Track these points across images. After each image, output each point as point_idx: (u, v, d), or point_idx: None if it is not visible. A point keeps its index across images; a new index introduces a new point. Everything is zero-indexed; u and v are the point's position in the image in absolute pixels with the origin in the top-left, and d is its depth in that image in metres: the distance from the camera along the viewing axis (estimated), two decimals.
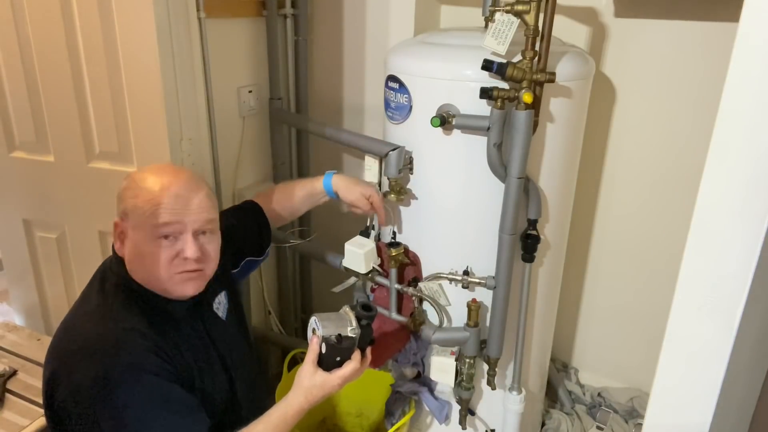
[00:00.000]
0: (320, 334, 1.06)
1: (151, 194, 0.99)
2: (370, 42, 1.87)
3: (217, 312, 1.20)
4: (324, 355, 1.06)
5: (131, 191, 1.01)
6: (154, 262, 1.00)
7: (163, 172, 1.04)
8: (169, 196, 0.99)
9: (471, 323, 1.39)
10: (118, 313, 1.00)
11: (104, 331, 0.97)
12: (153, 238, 0.99)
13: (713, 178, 0.83)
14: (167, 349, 1.00)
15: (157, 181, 1.01)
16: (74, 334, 1.00)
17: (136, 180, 1.02)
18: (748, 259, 0.83)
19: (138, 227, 1.00)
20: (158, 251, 0.99)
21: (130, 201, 1.00)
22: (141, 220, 0.99)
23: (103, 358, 0.93)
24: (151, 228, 0.99)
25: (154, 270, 1.01)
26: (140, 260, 1.02)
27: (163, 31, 1.39)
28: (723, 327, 0.87)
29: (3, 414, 1.37)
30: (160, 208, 0.98)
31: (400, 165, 1.39)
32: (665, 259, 1.74)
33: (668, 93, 1.62)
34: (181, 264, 1.01)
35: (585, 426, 1.87)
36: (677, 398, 0.96)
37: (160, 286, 1.03)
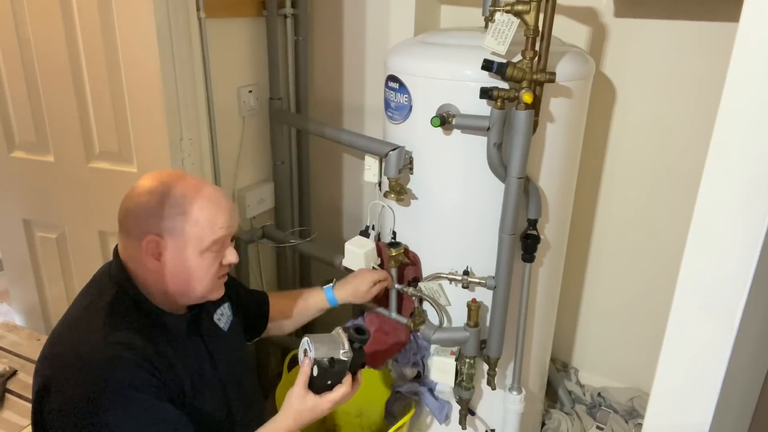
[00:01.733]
0: (312, 357, 1.05)
1: (206, 211, 1.00)
2: (370, 42, 1.87)
3: (218, 322, 1.19)
4: (315, 378, 1.05)
5: (173, 209, 0.99)
6: (204, 275, 1.02)
7: (203, 186, 1.03)
8: (222, 211, 1.02)
9: (471, 323, 1.39)
10: (113, 326, 0.98)
11: (98, 344, 0.96)
12: (203, 252, 1.01)
13: (713, 178, 0.83)
14: (161, 366, 0.98)
15: (205, 197, 1.01)
16: (68, 345, 0.98)
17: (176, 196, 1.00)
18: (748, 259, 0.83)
19: (186, 243, 1.00)
20: (209, 264, 1.02)
21: (178, 218, 0.99)
22: (193, 235, 0.99)
23: (95, 373, 0.92)
24: (211, 243, 1.01)
25: (201, 282, 1.03)
26: (184, 275, 1.02)
27: (163, 31, 1.39)
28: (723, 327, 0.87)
29: (3, 414, 1.37)
30: (216, 224, 1.01)
31: (400, 165, 1.39)
32: (665, 259, 1.74)
33: (668, 93, 1.62)
34: (222, 269, 1.06)
35: (585, 426, 1.87)
36: (677, 398, 0.96)
37: (196, 295, 1.04)
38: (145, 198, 1.00)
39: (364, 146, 1.54)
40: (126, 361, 0.94)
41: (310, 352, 1.06)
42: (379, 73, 1.56)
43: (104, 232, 1.66)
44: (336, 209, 2.16)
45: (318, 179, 2.13)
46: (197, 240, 1.00)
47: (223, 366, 1.14)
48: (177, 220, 0.99)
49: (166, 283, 1.02)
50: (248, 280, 1.91)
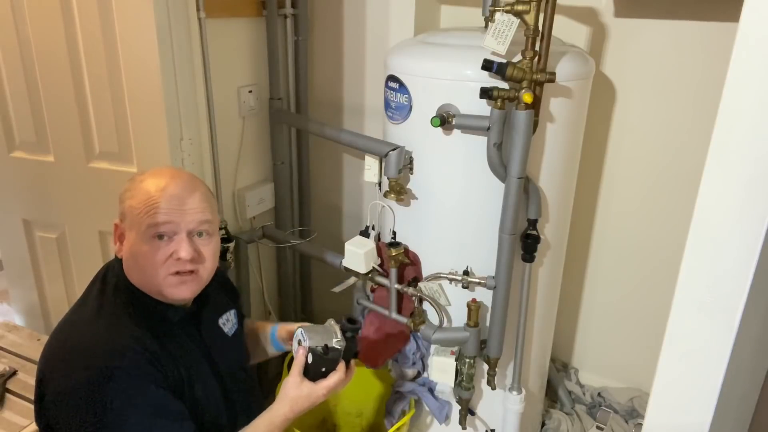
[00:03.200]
0: (306, 345, 1.07)
1: (146, 194, 1.00)
2: (370, 42, 1.87)
3: (223, 327, 1.19)
4: (310, 365, 1.07)
5: (129, 192, 1.02)
6: (148, 262, 1.00)
7: (161, 173, 1.04)
8: (164, 196, 1.00)
9: (471, 323, 1.39)
10: (114, 316, 1.00)
11: (99, 334, 0.97)
12: (147, 238, 0.99)
13: (713, 178, 0.83)
14: (160, 356, 0.99)
15: (153, 182, 1.01)
16: (69, 335, 1.00)
17: (135, 181, 1.03)
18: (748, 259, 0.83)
19: (133, 227, 1.00)
20: (152, 251, 0.99)
21: (128, 202, 1.02)
22: (136, 220, 0.99)
23: (96, 362, 0.93)
24: (146, 228, 0.99)
25: (148, 270, 1.00)
26: (135, 261, 1.01)
27: (163, 31, 1.39)
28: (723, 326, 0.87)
29: (3, 414, 1.37)
30: (154, 207, 0.98)
31: (400, 165, 1.39)
32: (665, 259, 1.74)
33: (668, 93, 1.62)
34: (174, 264, 1.01)
35: (585, 426, 1.87)
36: (677, 398, 0.96)
37: (154, 288, 1.02)
38: (123, 186, 1.05)
39: (364, 146, 1.54)
40: (128, 350, 0.95)
41: (305, 341, 1.08)
42: (379, 73, 1.56)
43: (104, 232, 1.66)
44: (336, 209, 2.16)
45: (318, 179, 2.13)
46: (137, 223, 0.99)
47: (222, 367, 1.13)
48: (127, 204, 1.01)
49: (130, 271, 1.03)
50: (248, 280, 1.91)
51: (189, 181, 1.05)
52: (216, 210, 1.10)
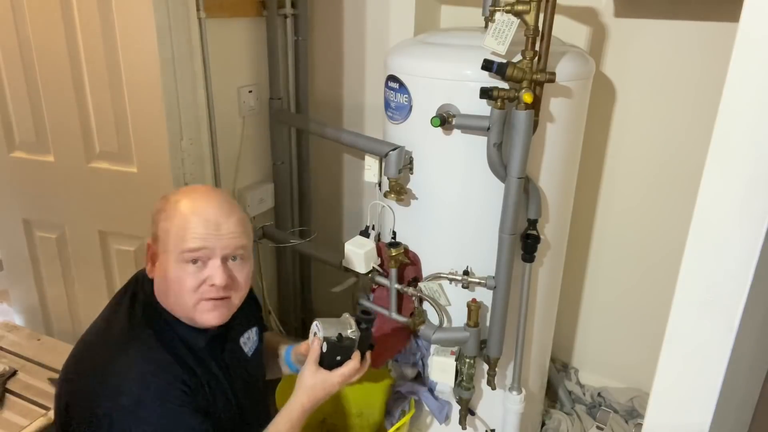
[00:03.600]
0: (321, 335, 1.08)
1: (182, 218, 0.97)
2: (370, 42, 1.87)
3: (244, 347, 1.17)
4: (325, 354, 1.08)
5: (164, 213, 0.99)
6: (181, 287, 0.97)
7: (197, 195, 1.01)
8: (200, 220, 0.97)
9: (471, 323, 1.39)
10: (144, 340, 0.98)
11: (131, 360, 0.96)
12: (181, 263, 0.97)
13: (713, 178, 0.83)
14: (188, 380, 0.98)
15: (189, 205, 0.98)
16: (99, 357, 0.98)
17: (170, 202, 1.00)
18: (748, 259, 0.83)
19: (167, 251, 0.98)
20: (185, 276, 0.97)
21: (162, 224, 0.99)
22: (171, 243, 0.97)
23: (131, 388, 0.92)
24: (180, 253, 0.96)
25: (181, 295, 0.98)
26: (167, 285, 0.99)
27: (163, 31, 1.39)
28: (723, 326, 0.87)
29: (3, 414, 1.37)
30: (189, 232, 0.96)
31: (400, 165, 1.39)
32: (665, 259, 1.74)
33: (668, 93, 1.62)
34: (207, 291, 0.98)
35: (585, 426, 1.87)
36: (677, 398, 0.96)
37: (185, 313, 1.01)
38: (156, 204, 1.02)
39: (364, 146, 1.54)
40: (160, 375, 0.95)
41: (319, 332, 1.09)
42: (379, 73, 1.56)
43: (104, 232, 1.66)
44: (336, 209, 2.16)
45: (318, 179, 2.13)
46: (172, 246, 0.97)
47: (237, 385, 1.11)
48: (161, 226, 0.99)
49: (167, 294, 1.01)
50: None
51: (226, 204, 1.02)
52: (251, 234, 1.07)
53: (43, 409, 1.37)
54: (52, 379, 1.45)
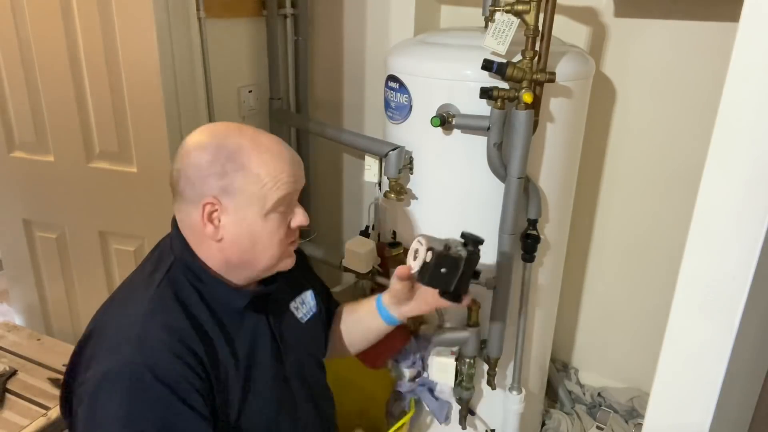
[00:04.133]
0: (426, 246, 1.00)
1: (264, 168, 0.86)
2: (370, 42, 1.87)
3: (295, 312, 1.06)
4: (429, 265, 0.99)
5: (232, 164, 0.86)
6: (269, 241, 0.89)
7: (259, 136, 0.89)
8: (285, 166, 0.88)
9: (471, 323, 1.39)
10: (159, 303, 0.87)
11: (136, 321, 0.85)
12: (267, 213, 0.87)
13: (713, 178, 0.83)
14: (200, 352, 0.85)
15: (267, 152, 0.87)
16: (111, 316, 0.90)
17: (232, 153, 0.86)
18: (748, 259, 0.83)
19: (253, 204, 0.87)
20: (273, 227, 0.88)
21: (238, 176, 0.86)
22: (255, 194, 0.86)
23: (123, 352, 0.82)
24: (273, 203, 0.87)
25: (267, 250, 0.89)
26: (247, 242, 0.88)
27: (163, 31, 1.39)
28: (723, 327, 0.87)
29: (3, 414, 1.37)
30: (278, 181, 0.87)
31: (400, 165, 1.39)
32: (665, 259, 1.74)
33: (668, 93, 1.62)
34: (293, 234, 0.92)
35: (585, 426, 1.87)
36: (677, 398, 0.96)
37: (260, 267, 0.91)
38: (196, 155, 0.87)
39: (364, 146, 1.54)
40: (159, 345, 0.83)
41: (424, 244, 1.01)
42: (379, 73, 1.56)
43: (104, 232, 1.66)
44: (336, 209, 2.16)
45: (318, 179, 2.13)
46: (260, 200, 0.87)
47: (289, 360, 1.01)
48: (235, 178, 0.86)
49: (228, 252, 0.90)
50: None
51: (281, 140, 0.93)
52: None
53: (43, 409, 1.37)
54: (52, 379, 1.45)
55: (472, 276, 1.04)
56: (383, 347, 1.52)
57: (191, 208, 0.88)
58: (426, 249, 1.00)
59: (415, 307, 1.13)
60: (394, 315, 1.14)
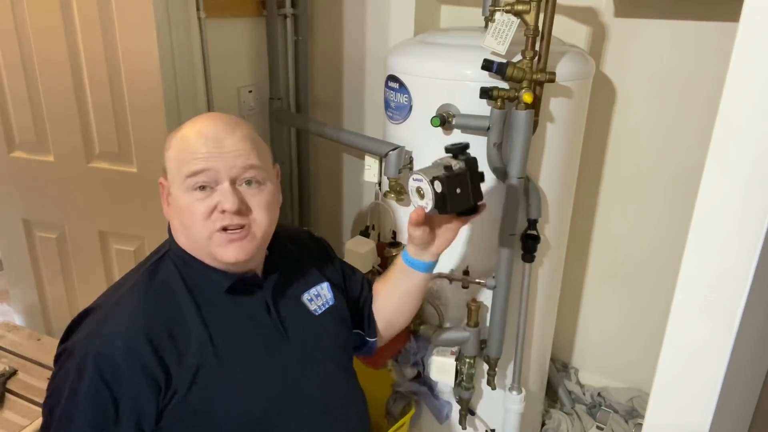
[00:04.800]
0: (428, 179, 0.96)
1: (182, 139, 0.88)
2: (370, 42, 1.87)
3: (308, 305, 1.01)
4: (442, 195, 0.96)
5: (168, 143, 0.91)
6: (192, 218, 0.87)
7: (199, 117, 0.93)
8: (199, 138, 0.87)
9: (471, 323, 1.39)
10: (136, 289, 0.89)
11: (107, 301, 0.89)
12: (187, 190, 0.87)
13: (713, 178, 0.83)
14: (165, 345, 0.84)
15: (189, 127, 0.90)
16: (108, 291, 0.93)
17: (174, 132, 0.92)
18: (748, 259, 0.82)
19: (174, 180, 0.88)
20: (193, 203, 0.86)
21: (167, 153, 0.90)
22: (175, 170, 0.88)
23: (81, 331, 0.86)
24: (184, 178, 0.86)
25: (193, 227, 0.87)
26: (180, 219, 0.89)
27: (163, 31, 1.39)
28: (723, 327, 0.87)
29: (3, 414, 1.37)
30: (189, 154, 0.86)
31: (400, 165, 1.39)
32: (665, 259, 1.74)
33: (668, 93, 1.62)
34: (219, 218, 0.86)
35: (585, 426, 1.87)
36: (677, 398, 0.96)
37: (203, 250, 0.90)
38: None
39: (364, 146, 1.54)
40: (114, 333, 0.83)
41: (424, 178, 0.97)
42: (379, 73, 1.56)
43: (104, 232, 1.66)
44: (336, 209, 2.16)
45: (318, 179, 2.13)
46: (177, 173, 0.87)
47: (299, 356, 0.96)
48: (168, 156, 0.90)
49: (180, 232, 0.91)
50: None
51: (229, 121, 0.91)
52: (268, 156, 0.96)
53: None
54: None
55: (479, 180, 1.02)
56: (383, 347, 1.52)
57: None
58: (430, 181, 0.96)
59: (442, 241, 1.09)
60: (427, 260, 1.10)
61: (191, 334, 0.87)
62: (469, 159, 1.01)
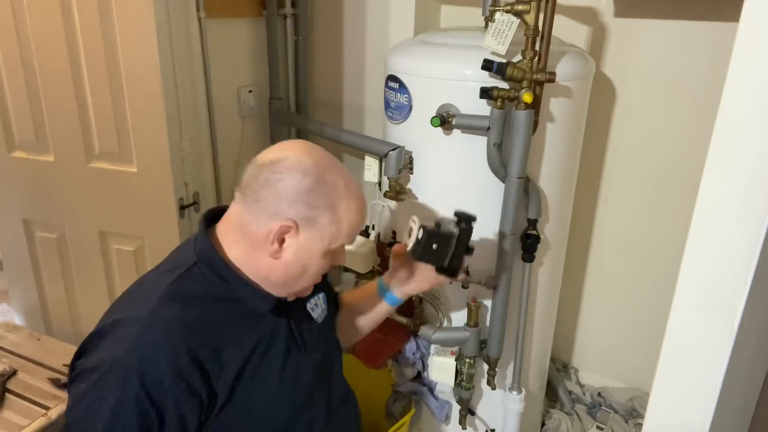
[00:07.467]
0: (419, 224, 1.05)
1: (356, 213, 0.90)
2: (370, 42, 1.87)
3: (312, 312, 1.05)
4: (422, 242, 1.02)
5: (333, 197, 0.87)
6: (314, 274, 0.91)
7: (358, 193, 0.92)
8: (364, 215, 0.93)
9: (471, 323, 1.39)
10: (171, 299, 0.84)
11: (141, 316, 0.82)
12: (327, 252, 0.90)
13: (713, 178, 0.83)
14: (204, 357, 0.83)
15: (358, 203, 0.91)
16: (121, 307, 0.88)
17: (334, 189, 0.87)
18: (748, 259, 0.83)
19: (324, 240, 0.88)
20: (325, 263, 0.91)
21: (327, 215, 0.87)
22: (336, 236, 0.89)
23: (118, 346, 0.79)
24: (339, 246, 0.91)
25: (309, 280, 0.92)
26: (298, 270, 0.90)
27: (163, 31, 1.39)
28: (723, 327, 0.87)
29: (3, 414, 1.37)
30: (354, 232, 0.91)
31: (400, 165, 1.39)
32: (665, 259, 1.74)
33: (668, 93, 1.62)
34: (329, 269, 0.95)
35: (585, 426, 1.87)
36: (677, 398, 0.96)
37: (292, 290, 0.93)
38: (297, 177, 0.85)
39: (364, 146, 1.54)
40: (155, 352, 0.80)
41: (416, 223, 1.07)
42: (379, 73, 1.56)
43: (104, 232, 1.66)
44: None
45: None
46: (330, 240, 0.88)
47: (314, 357, 1.01)
48: (322, 214, 0.86)
49: (276, 270, 0.89)
50: None
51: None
52: None
53: (43, 409, 1.37)
54: (52, 378, 1.45)
55: (465, 252, 1.08)
56: (383, 347, 1.53)
57: (264, 218, 0.86)
58: (418, 227, 1.04)
59: (416, 285, 1.15)
60: (396, 294, 1.16)
61: (230, 349, 0.87)
62: (465, 229, 1.06)
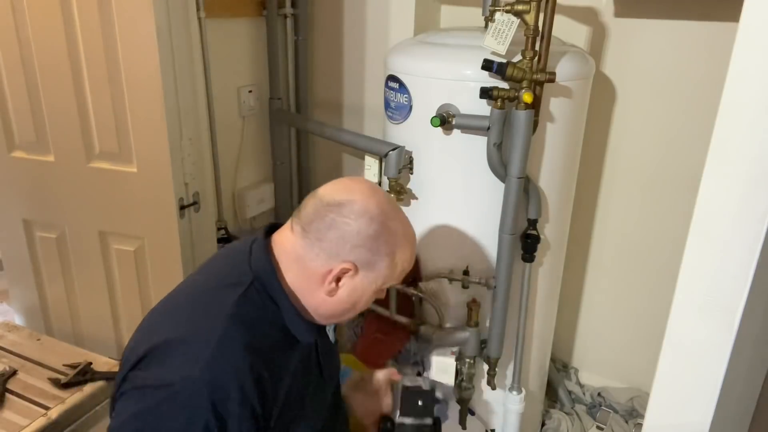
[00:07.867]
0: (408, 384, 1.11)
1: (408, 255, 0.92)
2: (370, 42, 1.87)
3: (328, 332, 1.07)
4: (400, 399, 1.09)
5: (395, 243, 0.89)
6: (362, 308, 0.94)
7: (407, 223, 0.93)
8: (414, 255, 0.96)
9: (471, 323, 1.39)
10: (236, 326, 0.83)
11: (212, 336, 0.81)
12: (378, 290, 0.92)
13: (713, 178, 0.83)
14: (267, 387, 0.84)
15: (412, 243, 0.93)
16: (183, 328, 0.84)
17: (399, 238, 0.90)
18: (748, 259, 0.83)
19: (378, 281, 0.90)
20: (371, 299, 0.94)
21: (386, 259, 0.89)
22: (389, 278, 0.91)
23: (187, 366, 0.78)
24: (388, 287, 0.93)
25: (354, 312, 0.94)
26: (348, 305, 0.91)
27: (163, 31, 1.39)
28: (723, 327, 0.87)
29: (3, 414, 1.37)
30: (405, 271, 0.93)
31: (400, 165, 1.39)
32: (665, 259, 1.74)
33: (668, 93, 1.62)
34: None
35: (585, 426, 1.87)
36: (677, 398, 0.96)
37: (333, 320, 0.96)
38: (363, 223, 0.86)
39: (364, 146, 1.54)
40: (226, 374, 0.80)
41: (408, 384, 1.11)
42: (379, 73, 1.56)
43: (104, 232, 1.66)
44: None
45: (318, 179, 2.13)
46: (384, 281, 0.91)
47: (326, 375, 1.02)
48: (382, 259, 0.88)
49: (328, 306, 0.91)
50: None
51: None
52: None
53: (43, 409, 1.37)
54: (52, 379, 1.45)
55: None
56: (383, 347, 1.53)
57: (324, 257, 0.87)
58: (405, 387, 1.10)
59: (361, 403, 1.14)
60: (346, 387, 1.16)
61: (282, 373, 0.88)
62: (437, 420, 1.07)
